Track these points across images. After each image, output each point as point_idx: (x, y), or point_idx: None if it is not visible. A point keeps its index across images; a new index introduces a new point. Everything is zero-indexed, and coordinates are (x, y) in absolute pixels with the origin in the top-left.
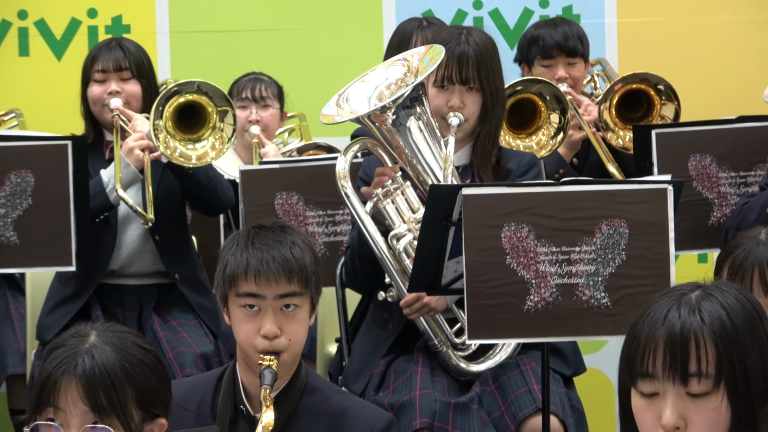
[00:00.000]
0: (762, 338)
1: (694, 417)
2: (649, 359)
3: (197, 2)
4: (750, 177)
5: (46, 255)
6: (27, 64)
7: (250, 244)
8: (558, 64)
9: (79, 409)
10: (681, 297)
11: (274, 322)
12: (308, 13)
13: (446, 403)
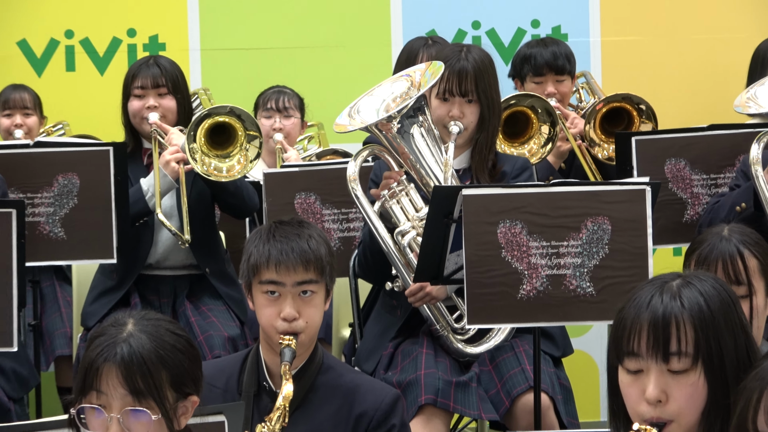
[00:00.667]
0: (735, 322)
1: (675, 391)
2: (635, 340)
3: (225, 23)
4: (720, 179)
5: (90, 249)
6: (73, 79)
7: (272, 237)
8: (548, 81)
9: (119, 393)
10: (663, 285)
11: (293, 307)
12: (325, 32)
13: (448, 381)
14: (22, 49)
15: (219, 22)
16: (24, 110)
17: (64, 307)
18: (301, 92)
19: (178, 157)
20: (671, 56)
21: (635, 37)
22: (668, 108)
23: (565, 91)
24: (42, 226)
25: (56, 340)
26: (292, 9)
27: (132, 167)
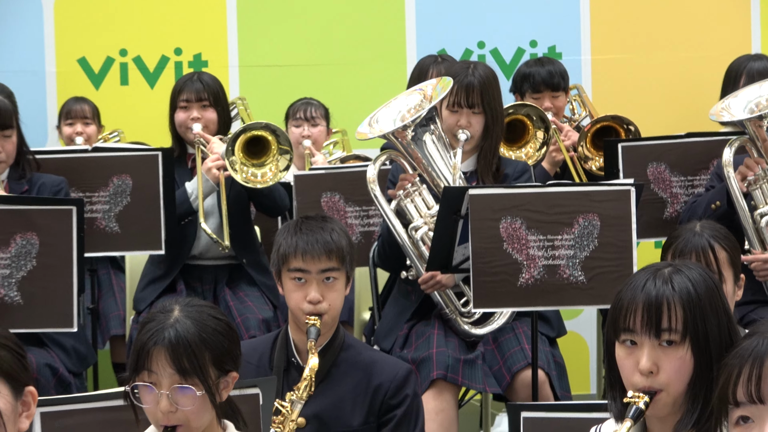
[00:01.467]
0: (719, 305)
1: (665, 364)
2: (631, 318)
3: (260, 42)
4: (696, 181)
5: (141, 241)
6: (126, 92)
7: (299, 231)
8: (545, 97)
9: (167, 372)
10: (656, 271)
11: (317, 291)
12: (348, 50)
13: (457, 359)
14: (82, 66)
15: (255, 41)
16: (84, 120)
17: (118, 293)
18: (326, 104)
19: (218, 164)
20: (653, 72)
21: (621, 55)
22: (650, 117)
23: (560, 105)
24: (99, 221)
25: (111, 322)
26: (319, 30)
27: (178, 170)
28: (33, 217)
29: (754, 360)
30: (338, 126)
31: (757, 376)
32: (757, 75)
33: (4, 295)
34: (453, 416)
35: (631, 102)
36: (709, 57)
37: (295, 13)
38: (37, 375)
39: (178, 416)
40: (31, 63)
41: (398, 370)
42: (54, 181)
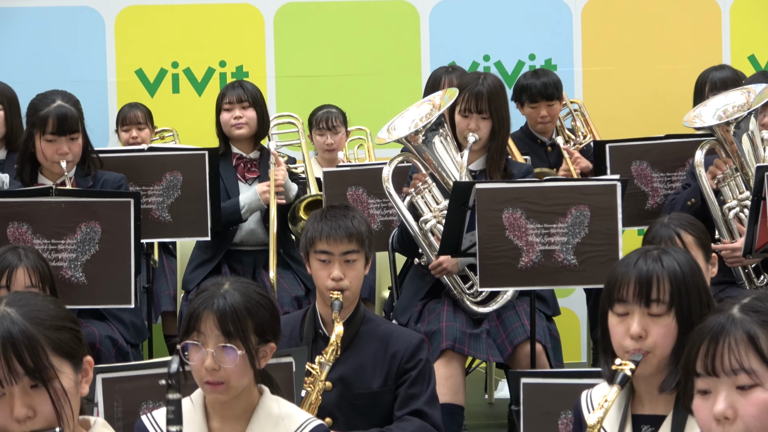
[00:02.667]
0: (700, 283)
1: (653, 329)
2: (624, 290)
3: (294, 55)
4: (674, 176)
5: (189, 229)
6: (178, 99)
7: (324, 218)
8: (541, 106)
9: (214, 334)
10: (647, 252)
11: (339, 270)
12: (370, 62)
13: (464, 332)
14: (139, 76)
15: (289, 55)
16: (138, 125)
17: (169, 275)
18: (350, 110)
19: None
20: (637, 81)
21: (609, 67)
22: (633, 121)
23: (554, 112)
24: (153, 212)
25: (163, 300)
26: (346, 44)
27: (223, 167)
28: (96, 208)
29: (712, 337)
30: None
31: (712, 352)
32: (719, 83)
33: (71, 276)
34: (460, 382)
35: (617, 107)
36: (685, 68)
37: (324, 30)
38: (99, 345)
39: (220, 374)
40: (94, 74)
41: (412, 339)
42: (115, 177)
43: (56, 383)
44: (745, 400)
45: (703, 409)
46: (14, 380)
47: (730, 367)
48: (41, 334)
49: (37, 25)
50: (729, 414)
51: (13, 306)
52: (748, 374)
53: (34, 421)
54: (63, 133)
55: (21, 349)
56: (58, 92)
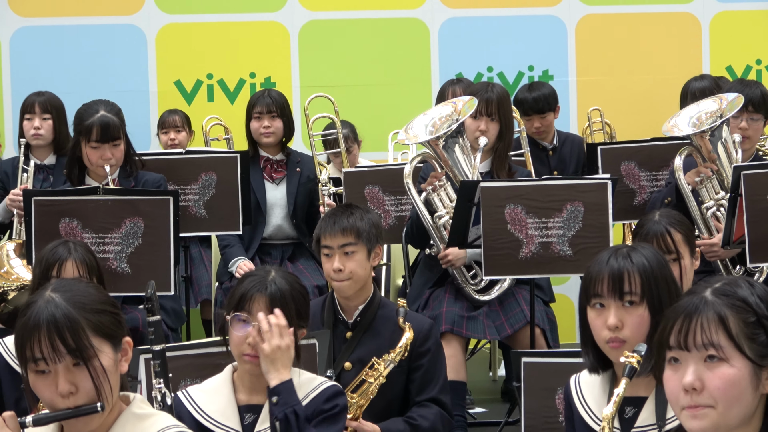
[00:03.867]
0: (668, 276)
1: (627, 320)
2: (599, 285)
3: (317, 67)
4: (659, 175)
5: (223, 224)
6: (212, 107)
7: (327, 218)
8: (534, 119)
9: (263, 313)
10: (617, 251)
11: (339, 262)
12: (384, 73)
13: (462, 315)
14: (177, 86)
15: (312, 67)
16: (175, 128)
17: (207, 265)
18: (366, 117)
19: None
20: (626, 89)
21: (601, 77)
22: (623, 126)
23: (548, 123)
24: (191, 208)
25: (202, 288)
26: (362, 58)
27: (252, 168)
28: (139, 205)
29: (685, 316)
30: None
31: (686, 328)
32: (699, 92)
33: (117, 267)
34: (461, 360)
35: (608, 113)
36: (669, 78)
37: (343, 44)
38: (142, 329)
39: None
40: (137, 84)
41: (423, 324)
42: (155, 178)
43: (96, 362)
44: (712, 374)
45: (673, 379)
46: (58, 359)
47: (701, 342)
48: (82, 317)
49: (86, 40)
50: (697, 385)
51: (58, 292)
52: (717, 350)
53: (77, 397)
54: (106, 140)
55: (63, 331)
56: (102, 102)
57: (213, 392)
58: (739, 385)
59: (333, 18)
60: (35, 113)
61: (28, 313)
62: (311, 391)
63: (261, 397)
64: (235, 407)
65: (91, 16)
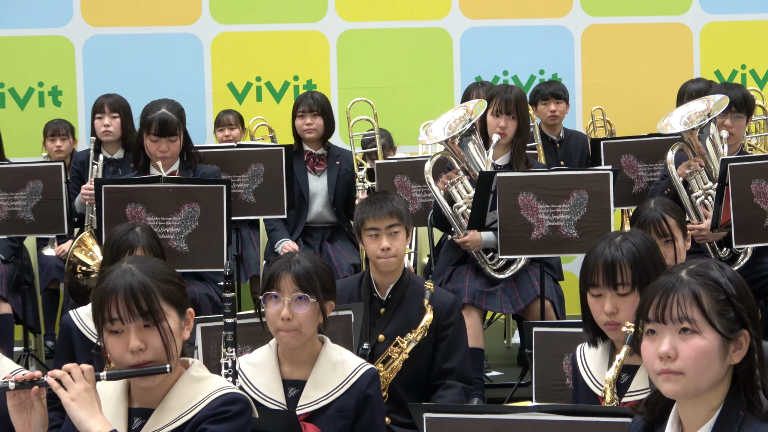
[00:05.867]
0: (656, 261)
1: (621, 306)
2: (595, 276)
3: (353, 71)
4: (655, 167)
5: (270, 208)
6: (260, 107)
7: (369, 202)
8: (550, 102)
9: (290, 289)
10: (610, 241)
11: (387, 241)
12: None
13: (481, 291)
14: (230, 88)
15: (349, 70)
16: (229, 126)
17: (255, 245)
18: (396, 115)
19: None
20: (626, 90)
21: (602, 80)
22: (623, 123)
23: (562, 109)
24: (241, 195)
25: (251, 265)
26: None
27: (296, 160)
28: (196, 192)
29: (664, 292)
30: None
31: (663, 304)
32: (695, 93)
33: (176, 246)
34: (479, 329)
35: (610, 112)
36: (664, 80)
37: (376, 51)
38: (199, 301)
39: (293, 323)
40: (193, 86)
41: (448, 299)
42: (211, 170)
43: (165, 324)
44: (685, 344)
45: (650, 348)
46: (132, 319)
47: (677, 316)
48: (155, 285)
49: (149, 47)
50: (671, 353)
51: (133, 263)
52: (690, 323)
53: (145, 354)
54: (163, 135)
55: (138, 296)
56: (165, 101)
57: (260, 366)
58: (708, 355)
59: (367, 27)
60: (105, 113)
61: (106, 280)
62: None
63: (303, 372)
64: (280, 381)
65: (154, 26)
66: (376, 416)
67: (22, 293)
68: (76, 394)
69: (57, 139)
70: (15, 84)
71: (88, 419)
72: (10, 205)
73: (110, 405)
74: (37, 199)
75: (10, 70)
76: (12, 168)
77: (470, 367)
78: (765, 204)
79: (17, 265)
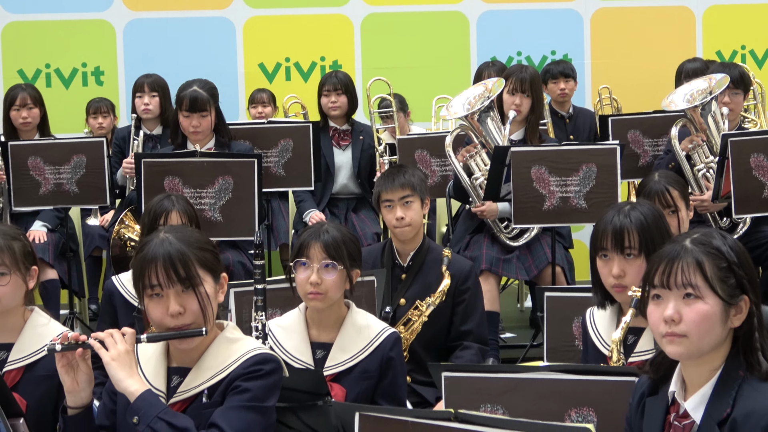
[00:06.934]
0: (663, 229)
1: (628, 270)
2: (604, 241)
3: (375, 52)
4: (659, 141)
5: (298, 180)
6: (289, 86)
7: (385, 177)
8: (560, 81)
9: (319, 256)
10: (620, 209)
11: (401, 211)
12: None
13: (498, 258)
14: (261, 68)
15: (372, 51)
16: (263, 104)
17: (285, 215)
18: (415, 94)
19: None
20: (631, 70)
21: (611, 59)
22: (629, 100)
23: (570, 87)
24: (271, 168)
25: (280, 234)
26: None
27: (322, 136)
28: (230, 166)
29: (668, 260)
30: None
31: (668, 270)
32: (691, 72)
33: (211, 216)
34: (496, 294)
35: (617, 90)
36: (668, 61)
37: (397, 33)
38: (232, 268)
39: (321, 288)
40: (227, 66)
41: (465, 266)
42: (245, 146)
43: (201, 289)
44: (689, 308)
45: (655, 312)
46: (171, 285)
47: (681, 282)
48: (191, 252)
49: (185, 30)
50: (675, 317)
51: (170, 233)
52: (694, 289)
53: (184, 317)
54: (194, 110)
55: (176, 263)
56: (198, 80)
57: (289, 329)
58: (711, 318)
59: (389, 11)
60: (144, 92)
61: (146, 249)
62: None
63: (330, 335)
64: (308, 344)
65: (189, 10)
66: (398, 377)
67: (68, 260)
68: (116, 355)
69: (99, 116)
70: (60, 65)
71: (126, 379)
72: (56, 177)
73: (151, 364)
74: (81, 173)
75: (56, 52)
76: (58, 143)
77: (486, 329)
78: (763, 176)
79: (63, 233)
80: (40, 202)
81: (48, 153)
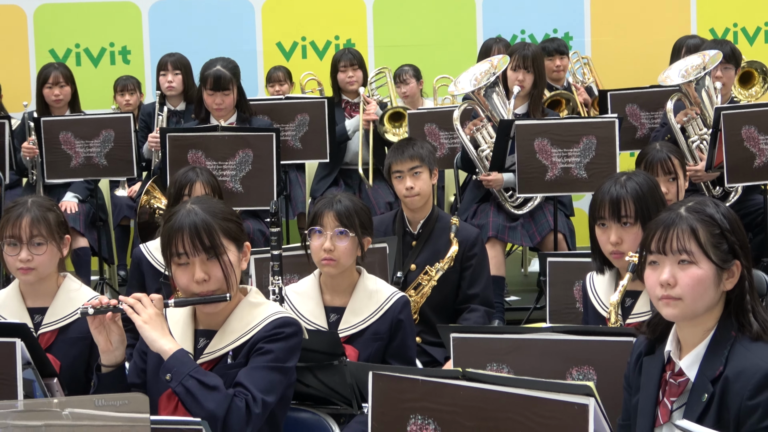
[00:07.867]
0: (657, 198)
1: (625, 237)
2: (602, 209)
3: (387, 30)
4: (656, 115)
5: (314, 153)
6: (305, 63)
7: (394, 150)
8: (555, 58)
9: (332, 225)
10: (616, 180)
11: (410, 181)
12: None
13: (504, 225)
14: (278, 47)
15: (384, 29)
16: (279, 82)
17: (302, 185)
18: (424, 69)
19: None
20: (629, 47)
21: (610, 37)
22: (626, 76)
23: (565, 63)
24: (289, 142)
25: (297, 203)
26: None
27: (337, 110)
28: (250, 139)
29: (665, 226)
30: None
31: (664, 237)
32: (693, 48)
33: (232, 187)
34: (502, 260)
35: (617, 65)
36: (664, 37)
37: (407, 12)
38: (253, 236)
39: (334, 254)
40: (246, 45)
41: (472, 233)
42: (263, 122)
43: (225, 257)
44: (683, 273)
45: (652, 276)
46: (196, 254)
47: (676, 248)
48: (216, 222)
49: (207, 11)
50: (671, 281)
51: (196, 204)
52: (688, 255)
53: (209, 284)
54: (218, 89)
55: (201, 233)
56: (221, 59)
57: (305, 295)
58: (704, 282)
59: None
60: (168, 70)
61: (173, 219)
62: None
63: (343, 300)
64: (323, 308)
65: None
66: (407, 338)
67: (98, 229)
68: (148, 318)
69: (126, 93)
70: (89, 45)
71: (159, 339)
72: (86, 151)
73: (178, 327)
74: (109, 146)
75: (85, 32)
76: (87, 119)
77: (492, 292)
78: (754, 147)
79: (93, 204)
80: (72, 174)
81: (78, 128)
